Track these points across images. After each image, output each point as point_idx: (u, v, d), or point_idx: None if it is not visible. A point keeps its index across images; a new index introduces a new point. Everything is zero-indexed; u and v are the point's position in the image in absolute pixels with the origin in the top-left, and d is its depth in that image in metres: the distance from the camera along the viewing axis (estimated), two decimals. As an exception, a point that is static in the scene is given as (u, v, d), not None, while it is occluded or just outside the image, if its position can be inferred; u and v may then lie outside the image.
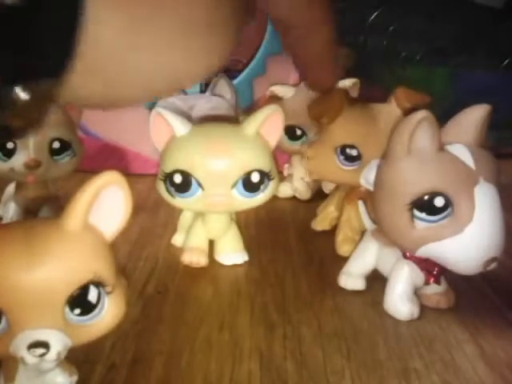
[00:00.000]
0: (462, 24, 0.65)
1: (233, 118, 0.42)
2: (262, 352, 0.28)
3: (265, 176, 0.34)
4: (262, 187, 0.34)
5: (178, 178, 0.34)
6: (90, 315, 0.21)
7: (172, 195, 0.34)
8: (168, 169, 0.34)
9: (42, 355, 0.19)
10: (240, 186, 0.34)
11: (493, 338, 0.30)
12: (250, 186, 0.34)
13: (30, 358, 0.19)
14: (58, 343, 0.20)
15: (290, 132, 0.49)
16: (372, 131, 0.36)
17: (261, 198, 0.35)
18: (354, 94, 0.47)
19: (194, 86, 0.57)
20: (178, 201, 0.34)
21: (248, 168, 0.34)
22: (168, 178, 0.34)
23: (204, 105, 0.42)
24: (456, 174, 0.28)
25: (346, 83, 0.48)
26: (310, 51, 0.31)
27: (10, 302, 0.19)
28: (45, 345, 0.19)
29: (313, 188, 0.52)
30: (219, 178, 0.33)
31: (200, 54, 0.18)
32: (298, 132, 0.49)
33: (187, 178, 0.33)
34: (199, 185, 0.33)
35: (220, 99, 0.45)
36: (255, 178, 0.34)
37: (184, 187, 0.34)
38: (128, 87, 0.18)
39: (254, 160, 0.34)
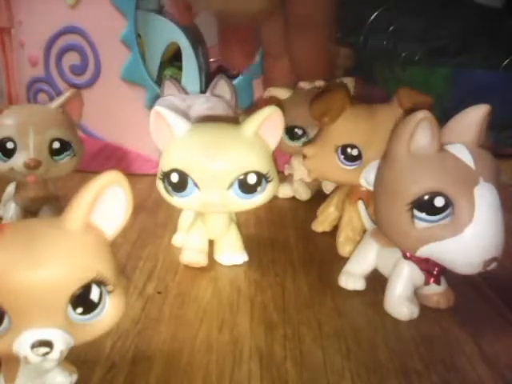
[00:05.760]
0: (462, 24, 0.65)
1: (232, 119, 0.42)
2: (262, 352, 0.28)
3: (262, 178, 0.34)
4: (259, 189, 0.34)
5: (174, 178, 0.34)
6: (92, 314, 0.21)
7: (170, 194, 0.34)
8: (166, 168, 0.34)
9: (46, 354, 0.19)
10: (236, 187, 0.33)
11: (493, 338, 0.30)
12: (246, 188, 0.34)
13: (34, 357, 0.19)
14: (61, 342, 0.20)
15: (290, 132, 0.49)
16: (373, 131, 0.36)
17: (258, 199, 0.34)
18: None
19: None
20: (175, 200, 0.34)
21: (244, 169, 0.33)
22: (165, 176, 0.34)
23: (202, 104, 0.42)
24: (456, 174, 0.28)
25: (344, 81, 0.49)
26: (310, 44, 0.39)
27: (13, 302, 0.19)
28: (48, 344, 0.19)
29: (312, 188, 0.52)
30: (215, 178, 0.33)
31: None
32: (299, 132, 0.49)
33: (183, 178, 0.33)
34: (195, 185, 0.33)
35: (218, 99, 0.45)
36: (252, 179, 0.34)
37: (180, 186, 0.34)
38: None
39: (251, 161, 0.34)
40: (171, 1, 0.60)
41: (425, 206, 0.28)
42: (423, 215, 0.28)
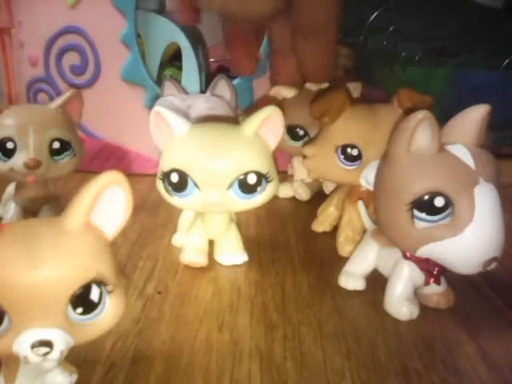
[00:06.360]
0: (462, 24, 0.65)
1: (232, 119, 0.42)
2: (262, 352, 0.28)
3: (262, 178, 0.34)
4: (259, 189, 0.34)
5: (174, 178, 0.34)
6: (92, 314, 0.21)
7: (170, 194, 0.34)
8: (165, 168, 0.34)
9: (46, 354, 0.19)
10: (236, 187, 0.33)
11: (493, 338, 0.30)
12: (246, 188, 0.34)
13: (34, 357, 0.19)
14: (61, 342, 0.20)
15: (292, 132, 0.49)
16: (373, 131, 0.36)
17: (258, 199, 0.34)
18: (355, 95, 0.47)
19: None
20: (175, 200, 0.34)
21: (244, 169, 0.33)
22: (165, 177, 0.34)
23: (202, 104, 0.42)
24: (456, 174, 0.28)
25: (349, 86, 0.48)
26: (316, 48, 0.39)
27: (13, 302, 0.19)
28: (48, 344, 0.19)
29: (312, 189, 0.52)
30: (215, 178, 0.33)
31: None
32: (300, 132, 0.49)
33: (183, 178, 0.33)
34: (195, 185, 0.33)
35: (218, 99, 0.45)
36: (252, 179, 0.34)
37: (180, 186, 0.34)
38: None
39: (251, 161, 0.34)
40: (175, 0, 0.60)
41: (425, 205, 0.28)
42: (423, 215, 0.28)
